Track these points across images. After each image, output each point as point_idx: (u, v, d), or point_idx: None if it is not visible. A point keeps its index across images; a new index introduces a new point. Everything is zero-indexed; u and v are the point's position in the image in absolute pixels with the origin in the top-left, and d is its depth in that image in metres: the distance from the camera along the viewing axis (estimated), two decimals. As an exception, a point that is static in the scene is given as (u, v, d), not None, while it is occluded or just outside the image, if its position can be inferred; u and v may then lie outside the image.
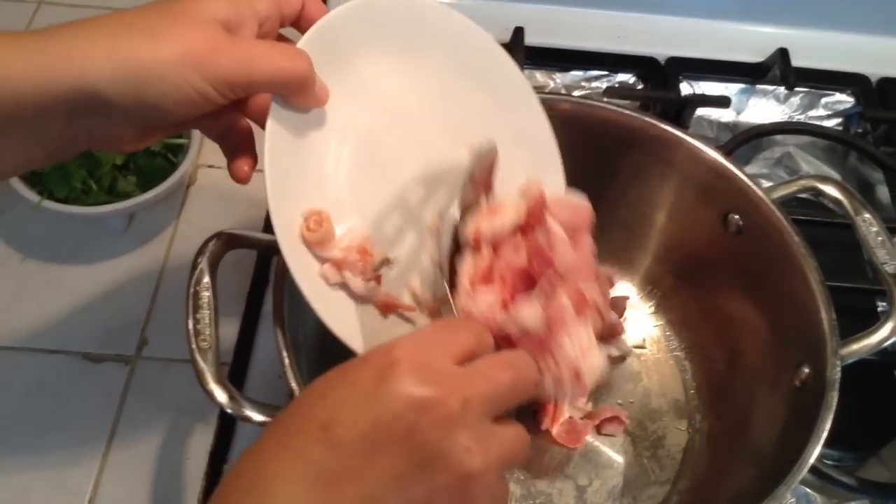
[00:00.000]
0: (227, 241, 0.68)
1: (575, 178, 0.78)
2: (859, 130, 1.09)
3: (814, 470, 0.77)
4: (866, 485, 0.79)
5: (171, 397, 0.79)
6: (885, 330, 0.71)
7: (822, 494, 0.80)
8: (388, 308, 0.64)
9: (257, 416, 0.61)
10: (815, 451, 0.63)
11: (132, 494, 0.74)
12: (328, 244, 0.61)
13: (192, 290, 0.65)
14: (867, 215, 0.75)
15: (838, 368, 0.67)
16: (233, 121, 0.63)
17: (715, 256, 0.82)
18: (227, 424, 0.78)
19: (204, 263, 0.66)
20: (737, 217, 0.78)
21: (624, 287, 0.88)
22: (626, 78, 1.10)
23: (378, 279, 0.63)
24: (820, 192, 0.78)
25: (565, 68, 1.09)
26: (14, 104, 0.50)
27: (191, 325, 0.63)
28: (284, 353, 0.63)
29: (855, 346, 0.70)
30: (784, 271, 0.74)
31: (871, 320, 0.74)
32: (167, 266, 0.87)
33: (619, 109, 0.82)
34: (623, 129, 0.81)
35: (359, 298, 0.63)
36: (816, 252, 0.74)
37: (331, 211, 0.61)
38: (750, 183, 0.77)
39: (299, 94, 0.58)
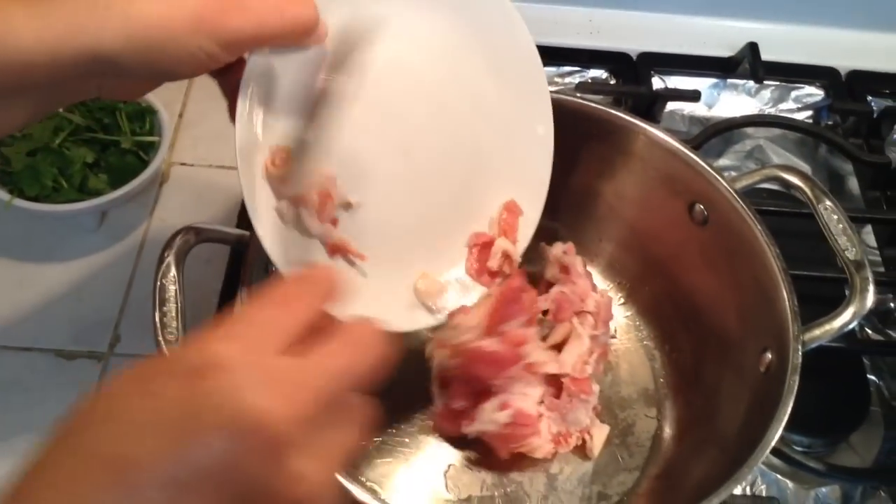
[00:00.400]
0: (195, 235, 0.69)
1: (563, 177, 0.79)
2: (829, 123, 1.10)
3: (784, 456, 0.79)
4: (836, 470, 0.80)
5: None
6: (846, 315, 0.72)
7: (792, 481, 0.81)
8: (336, 250, 0.64)
9: None
10: (777, 433, 0.64)
11: (105, 489, 0.74)
12: (289, 181, 0.60)
13: (158, 283, 0.65)
14: (828, 203, 0.76)
15: (800, 353, 0.69)
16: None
17: (682, 246, 0.83)
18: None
19: (171, 257, 0.66)
20: (702, 207, 0.79)
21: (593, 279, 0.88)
22: (599, 73, 1.11)
23: (335, 222, 0.63)
24: (782, 181, 0.79)
25: (538, 64, 1.10)
26: (27, 68, 0.50)
27: (157, 318, 0.64)
28: None
29: (817, 332, 0.71)
30: (748, 260, 0.75)
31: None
32: (140, 264, 0.87)
33: (587, 102, 0.82)
34: (590, 121, 0.82)
35: (311, 238, 0.63)
36: (786, 242, 0.75)
37: (299, 150, 0.60)
38: (714, 174, 0.78)
39: (304, 39, 0.57)
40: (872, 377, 0.88)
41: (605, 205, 0.87)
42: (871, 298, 0.72)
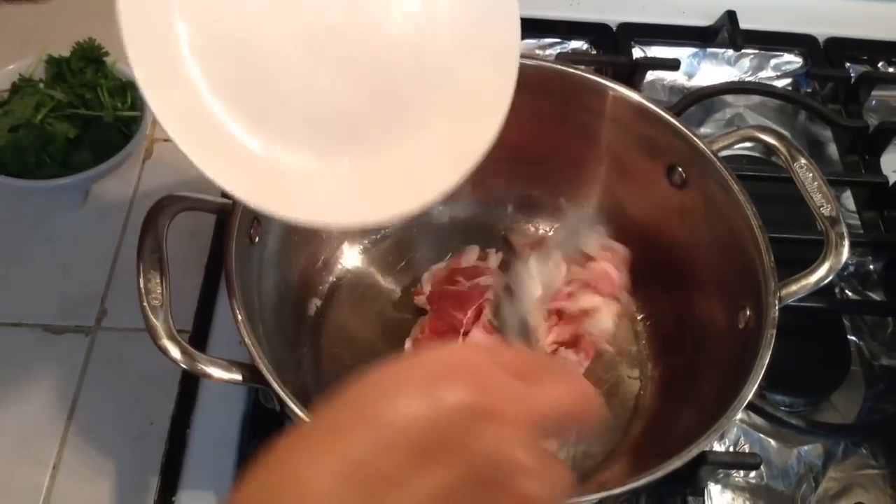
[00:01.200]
0: (177, 203, 0.69)
1: (521, 139, 0.80)
2: (808, 90, 1.11)
3: (767, 415, 0.80)
4: (818, 427, 0.81)
5: (132, 365, 0.80)
6: (822, 270, 0.73)
7: (775, 439, 0.82)
8: None
9: (212, 371, 0.63)
10: (755, 385, 0.65)
11: (96, 459, 0.74)
12: None
13: (142, 250, 0.66)
14: (804, 161, 0.77)
15: (776, 308, 0.70)
16: None
17: (660, 209, 0.84)
18: (189, 389, 0.78)
19: (153, 225, 0.67)
20: (680, 170, 0.80)
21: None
22: (579, 44, 1.11)
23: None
24: (758, 141, 0.80)
25: (519, 36, 1.10)
26: None
27: (142, 284, 0.64)
28: (238, 313, 0.64)
29: (794, 287, 0.72)
30: (725, 220, 0.77)
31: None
32: (125, 239, 0.88)
33: (565, 67, 0.83)
34: (567, 86, 0.82)
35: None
36: (765, 207, 0.75)
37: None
38: (692, 136, 0.79)
39: None
40: (853, 338, 0.89)
41: (585, 171, 0.88)
42: (845, 253, 0.73)
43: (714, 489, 0.79)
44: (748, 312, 0.73)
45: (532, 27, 1.11)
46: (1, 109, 0.85)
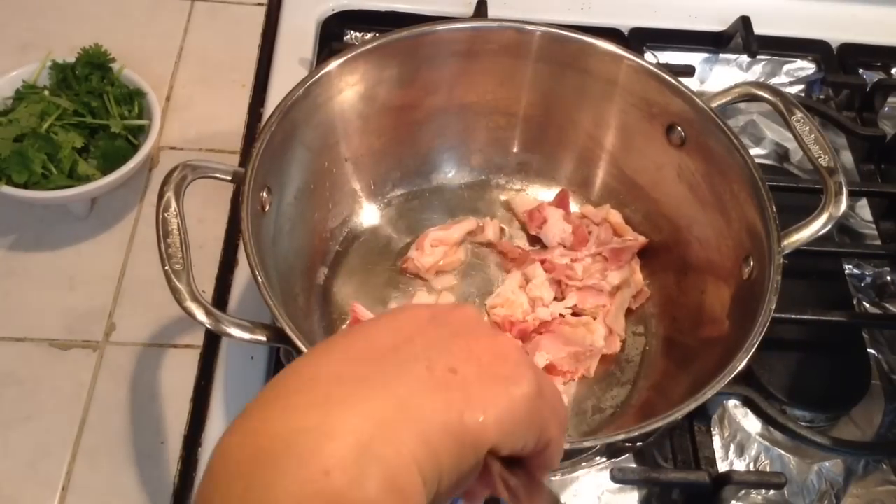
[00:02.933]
0: (192, 171, 0.70)
1: (520, 104, 0.86)
2: (821, 96, 1.10)
3: (788, 431, 0.79)
4: (839, 444, 0.80)
5: (142, 381, 0.78)
6: (822, 218, 0.74)
7: (795, 455, 0.81)
8: None
9: (236, 332, 0.63)
10: (764, 326, 0.66)
11: (106, 480, 0.72)
12: None
13: (161, 216, 0.66)
14: (800, 114, 0.78)
15: (780, 256, 0.70)
16: None
17: (661, 169, 0.84)
18: (201, 407, 0.77)
19: (170, 192, 0.68)
20: (679, 128, 0.81)
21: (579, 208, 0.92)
22: (591, 50, 1.10)
23: None
24: (755, 97, 0.81)
25: (529, 41, 1.09)
26: None
27: (163, 249, 0.65)
28: (259, 276, 0.65)
29: (795, 237, 0.73)
30: (727, 175, 0.77)
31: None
32: (132, 249, 0.86)
33: (559, 31, 0.84)
34: (564, 50, 0.83)
35: None
36: (781, 217, 0.75)
37: None
38: (690, 93, 0.79)
39: None
40: (872, 351, 0.88)
41: (584, 134, 0.88)
42: (844, 202, 0.74)
43: (734, 506, 0.78)
44: (752, 263, 0.74)
45: (543, 32, 1.09)
46: (5, 118, 0.82)
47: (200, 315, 0.63)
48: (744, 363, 0.64)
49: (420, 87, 0.85)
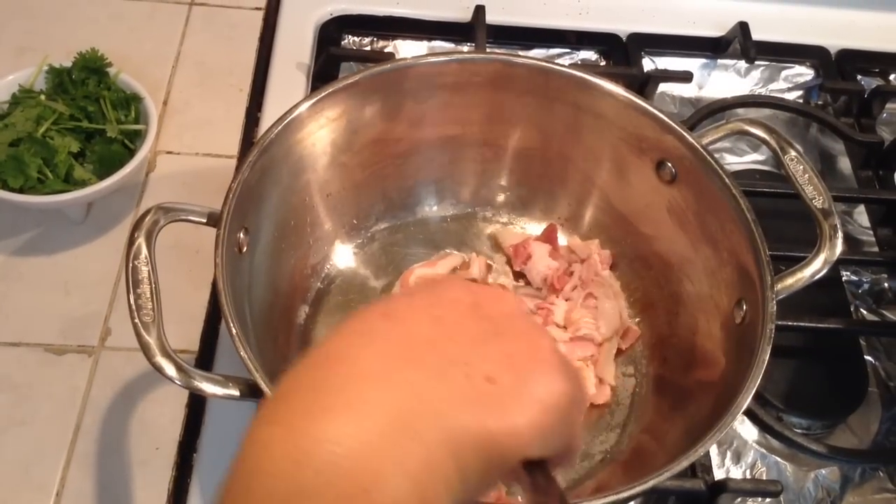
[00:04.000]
0: (164, 214, 0.67)
1: (508, 138, 0.84)
2: (819, 102, 1.10)
3: (784, 438, 0.79)
4: (835, 451, 0.80)
5: (137, 388, 0.77)
6: (817, 262, 0.73)
7: (791, 463, 0.81)
8: None
9: (208, 387, 0.61)
10: (758, 377, 0.64)
11: (100, 487, 0.72)
12: None
13: (130, 265, 0.64)
14: (794, 153, 0.77)
15: (774, 302, 0.68)
16: None
17: (651, 206, 0.83)
18: (196, 411, 0.77)
19: (141, 238, 0.65)
20: (670, 165, 0.79)
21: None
22: (589, 55, 1.10)
23: None
24: (748, 134, 0.79)
25: (527, 46, 1.09)
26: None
27: (132, 300, 0.62)
28: (232, 326, 0.63)
29: (790, 280, 0.72)
30: (717, 213, 0.76)
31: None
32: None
33: (548, 64, 0.83)
34: (553, 83, 0.82)
35: None
36: (777, 224, 0.76)
37: None
38: (681, 130, 0.78)
39: None
40: (869, 358, 0.88)
41: (573, 168, 0.87)
42: (839, 245, 0.73)
43: (730, 514, 0.78)
44: (745, 307, 0.72)
45: (541, 37, 1.09)
46: (1, 122, 0.82)
47: (170, 371, 0.60)
48: (735, 417, 0.63)
49: (404, 121, 0.83)
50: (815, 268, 0.72)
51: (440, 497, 0.37)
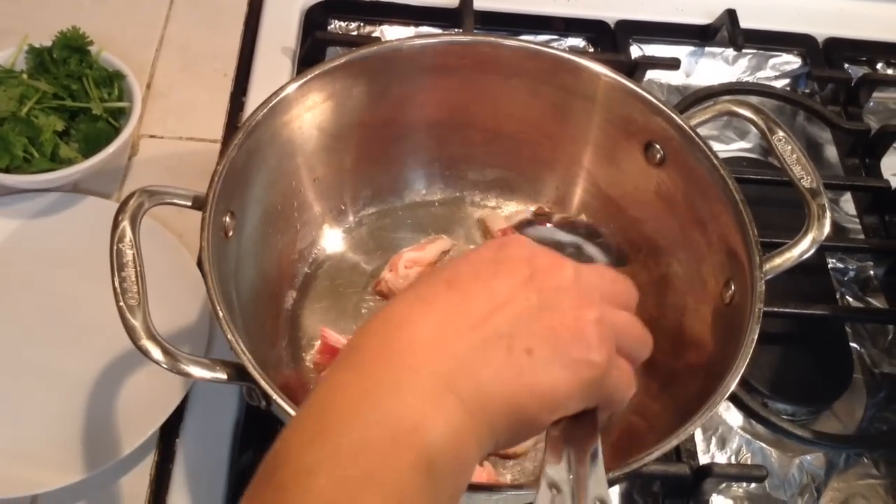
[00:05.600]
0: (148, 197, 0.66)
1: (495, 121, 0.83)
2: (806, 91, 1.10)
3: (769, 424, 0.79)
4: (820, 437, 0.80)
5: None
6: (805, 242, 0.72)
7: (776, 449, 0.81)
8: None
9: (195, 370, 0.60)
10: (747, 357, 0.64)
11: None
12: None
13: (115, 248, 0.62)
14: (781, 134, 0.76)
15: (763, 282, 0.68)
16: None
17: (639, 188, 0.82)
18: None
19: (126, 220, 0.64)
20: (658, 147, 0.79)
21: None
22: (577, 41, 1.09)
23: None
24: (735, 115, 0.78)
25: (515, 32, 1.08)
26: None
27: (117, 284, 0.61)
28: (219, 308, 0.61)
29: (778, 260, 0.71)
30: (707, 195, 0.75)
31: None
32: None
33: (535, 46, 0.82)
34: (540, 65, 0.80)
35: None
36: (766, 211, 0.75)
37: None
38: (669, 111, 0.77)
39: None
40: (854, 345, 0.88)
41: (561, 150, 0.86)
42: (828, 225, 0.72)
43: (715, 499, 0.78)
44: (733, 287, 0.71)
45: (528, 23, 1.09)
46: (-18, 103, 0.81)
47: (157, 354, 0.59)
48: (724, 396, 0.62)
49: (391, 104, 0.82)
50: (804, 247, 0.72)
51: (471, 444, 0.44)
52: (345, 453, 0.42)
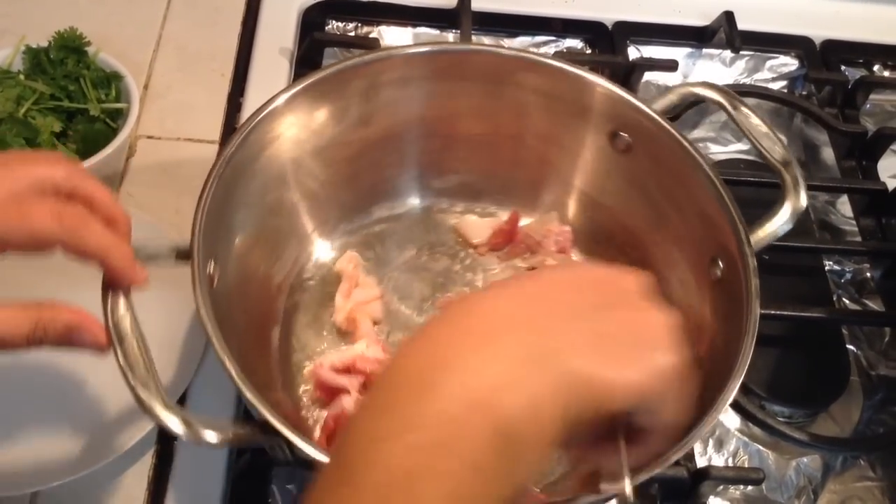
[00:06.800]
0: None
1: (456, 126, 0.83)
2: (804, 93, 1.10)
3: (766, 426, 0.79)
4: (817, 440, 0.80)
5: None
6: (784, 212, 0.72)
7: (773, 451, 0.81)
8: None
9: (216, 438, 0.57)
10: (751, 344, 0.64)
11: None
12: None
13: (110, 323, 0.59)
14: (745, 109, 0.76)
15: (753, 256, 0.68)
16: None
17: (609, 177, 0.82)
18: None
19: (118, 292, 0.60)
20: (624, 135, 0.79)
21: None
22: (574, 43, 1.09)
23: None
24: (696, 96, 0.79)
25: (513, 34, 1.08)
26: None
27: (121, 360, 0.57)
28: (230, 366, 0.59)
29: (761, 234, 0.71)
30: (680, 177, 0.75)
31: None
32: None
33: (489, 48, 0.83)
34: (498, 67, 0.80)
35: None
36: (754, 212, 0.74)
37: None
38: (631, 99, 0.77)
39: None
40: (851, 347, 0.88)
41: (526, 150, 0.86)
42: (804, 194, 0.72)
43: (712, 501, 0.78)
44: (720, 264, 0.72)
45: (525, 24, 1.09)
46: (-18, 109, 0.81)
47: (177, 426, 0.56)
48: (737, 385, 0.62)
49: (352, 123, 0.81)
50: (785, 217, 0.72)
51: (550, 417, 0.43)
52: (417, 422, 0.41)
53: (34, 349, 0.55)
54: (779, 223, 0.72)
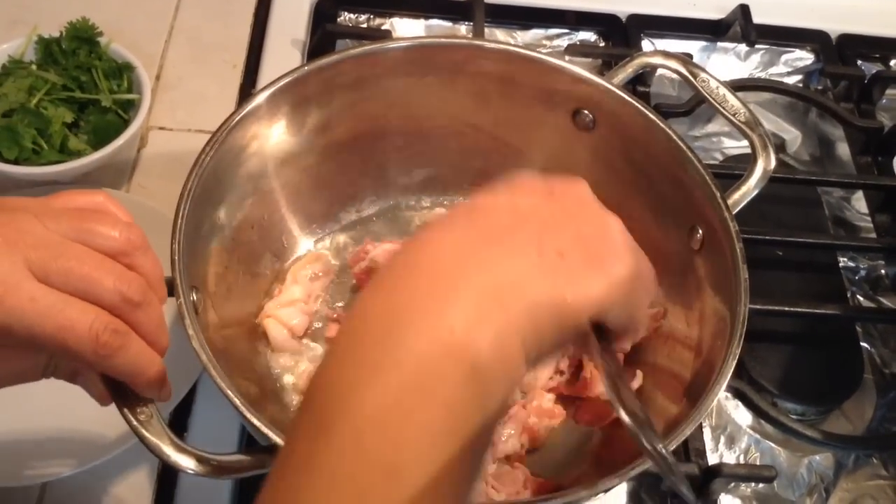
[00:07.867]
0: None
1: (415, 121, 0.82)
2: (819, 87, 1.09)
3: (778, 424, 0.79)
4: (829, 437, 0.80)
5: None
6: (757, 172, 0.72)
7: (785, 449, 0.81)
8: None
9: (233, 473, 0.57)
10: (745, 308, 0.64)
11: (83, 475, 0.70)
12: None
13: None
14: (704, 75, 0.76)
15: (734, 222, 0.68)
16: None
17: (575, 156, 0.81)
18: (187, 402, 0.75)
19: None
20: (586, 112, 0.79)
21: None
22: (588, 36, 1.09)
23: None
24: (653, 67, 0.81)
25: (526, 26, 1.08)
26: None
27: (127, 412, 0.55)
28: (233, 397, 0.58)
29: (736, 195, 0.72)
30: (647, 148, 0.75)
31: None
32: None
33: (441, 41, 0.83)
34: (451, 58, 0.80)
35: None
36: (774, 209, 0.74)
37: None
38: (589, 75, 0.77)
39: None
40: (865, 344, 0.88)
41: (486, 137, 0.84)
42: (773, 154, 0.73)
43: (723, 498, 0.77)
44: (700, 232, 0.72)
45: (539, 17, 1.08)
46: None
47: (191, 465, 0.55)
48: (738, 351, 0.62)
49: (311, 130, 0.79)
50: (757, 177, 0.72)
51: (517, 350, 0.44)
52: (385, 367, 0.41)
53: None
54: (753, 181, 0.72)
